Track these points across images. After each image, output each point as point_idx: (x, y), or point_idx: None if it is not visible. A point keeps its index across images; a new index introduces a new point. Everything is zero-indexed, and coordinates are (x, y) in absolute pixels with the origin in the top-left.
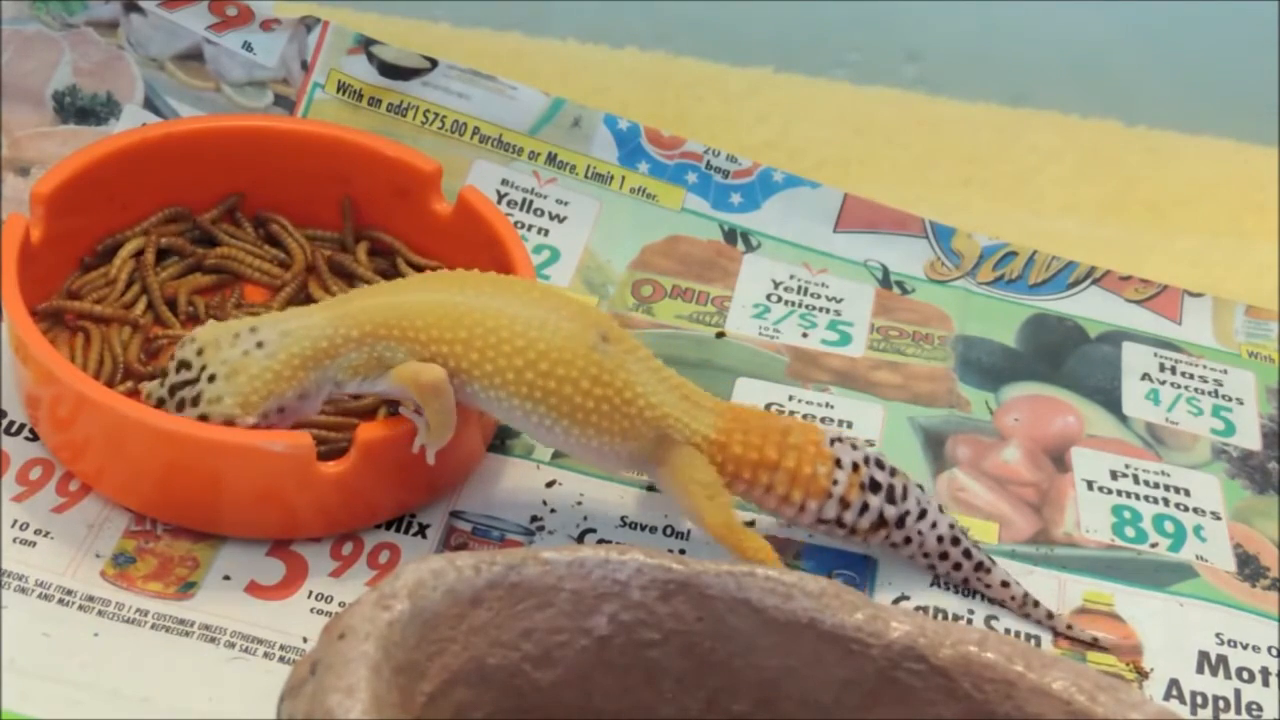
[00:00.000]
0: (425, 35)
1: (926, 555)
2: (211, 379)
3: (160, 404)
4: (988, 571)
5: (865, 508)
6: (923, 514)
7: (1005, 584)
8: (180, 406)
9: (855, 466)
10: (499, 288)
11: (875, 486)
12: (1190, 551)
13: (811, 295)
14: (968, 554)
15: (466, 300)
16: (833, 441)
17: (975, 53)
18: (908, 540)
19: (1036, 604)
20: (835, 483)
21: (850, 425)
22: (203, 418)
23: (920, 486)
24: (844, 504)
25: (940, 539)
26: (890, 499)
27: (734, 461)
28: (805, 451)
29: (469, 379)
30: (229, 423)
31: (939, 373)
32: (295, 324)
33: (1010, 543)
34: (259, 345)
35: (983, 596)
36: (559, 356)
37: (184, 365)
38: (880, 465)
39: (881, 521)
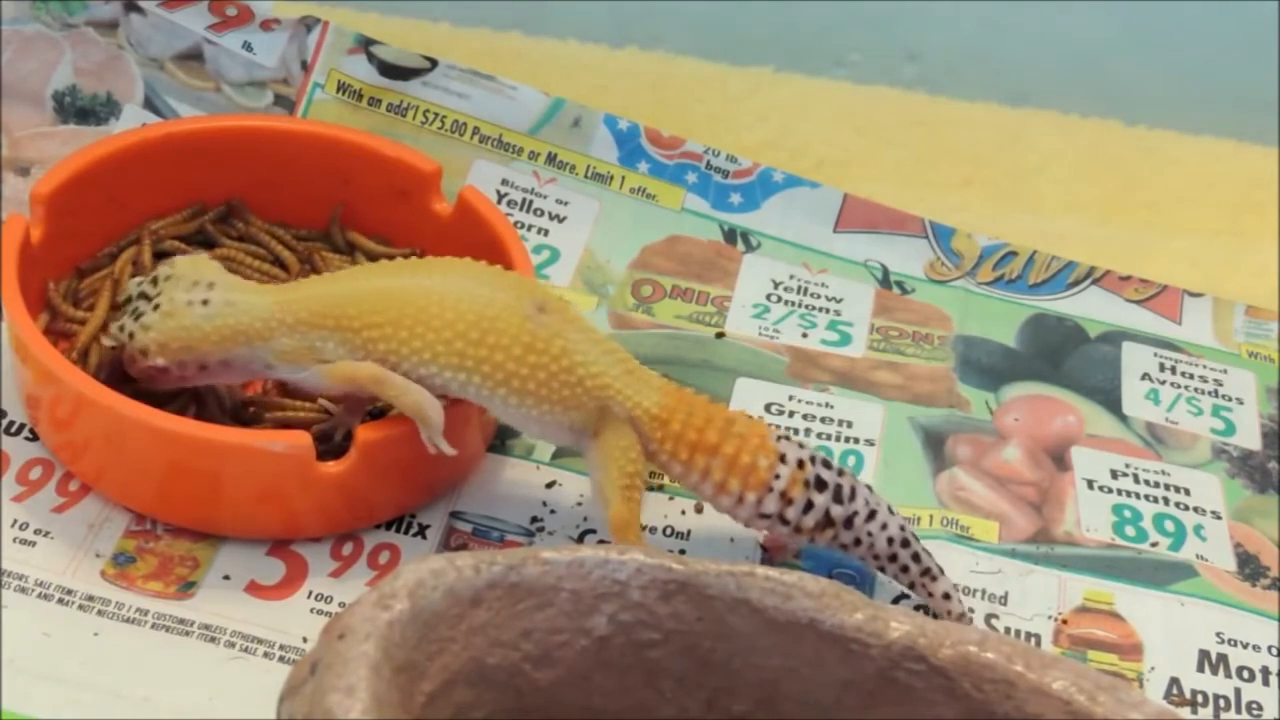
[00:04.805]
0: (425, 35)
1: (877, 557)
2: (156, 308)
3: (127, 301)
4: (934, 579)
5: (810, 505)
6: (872, 515)
7: (947, 596)
8: (130, 315)
9: (800, 464)
10: (435, 269)
11: (821, 485)
12: (1190, 551)
13: (811, 295)
14: (916, 557)
15: (400, 283)
16: (780, 438)
17: (975, 53)
18: (858, 542)
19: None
20: (777, 477)
21: (850, 425)
22: (130, 335)
23: (869, 488)
24: (786, 499)
25: (890, 540)
26: (837, 499)
27: (673, 440)
28: (748, 441)
29: (400, 358)
30: (143, 353)
31: (939, 373)
32: (242, 297)
33: (1010, 542)
34: (204, 303)
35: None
36: (490, 326)
37: (153, 282)
38: (828, 465)
39: (829, 521)
